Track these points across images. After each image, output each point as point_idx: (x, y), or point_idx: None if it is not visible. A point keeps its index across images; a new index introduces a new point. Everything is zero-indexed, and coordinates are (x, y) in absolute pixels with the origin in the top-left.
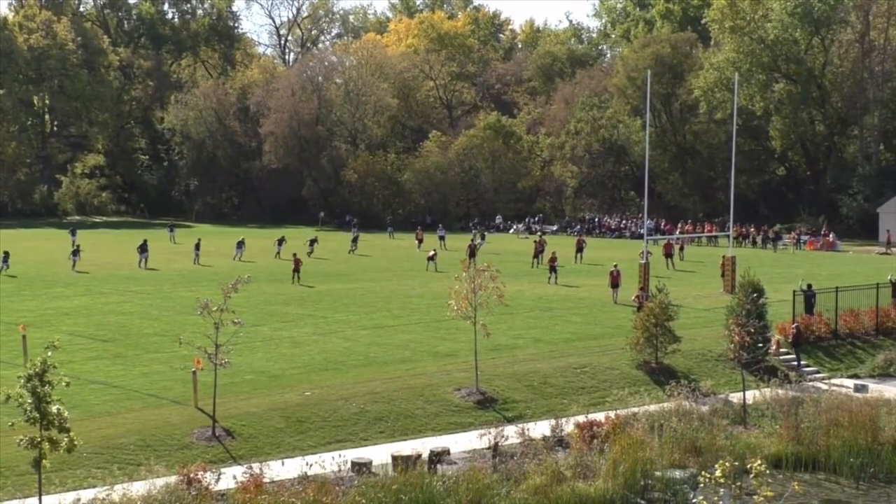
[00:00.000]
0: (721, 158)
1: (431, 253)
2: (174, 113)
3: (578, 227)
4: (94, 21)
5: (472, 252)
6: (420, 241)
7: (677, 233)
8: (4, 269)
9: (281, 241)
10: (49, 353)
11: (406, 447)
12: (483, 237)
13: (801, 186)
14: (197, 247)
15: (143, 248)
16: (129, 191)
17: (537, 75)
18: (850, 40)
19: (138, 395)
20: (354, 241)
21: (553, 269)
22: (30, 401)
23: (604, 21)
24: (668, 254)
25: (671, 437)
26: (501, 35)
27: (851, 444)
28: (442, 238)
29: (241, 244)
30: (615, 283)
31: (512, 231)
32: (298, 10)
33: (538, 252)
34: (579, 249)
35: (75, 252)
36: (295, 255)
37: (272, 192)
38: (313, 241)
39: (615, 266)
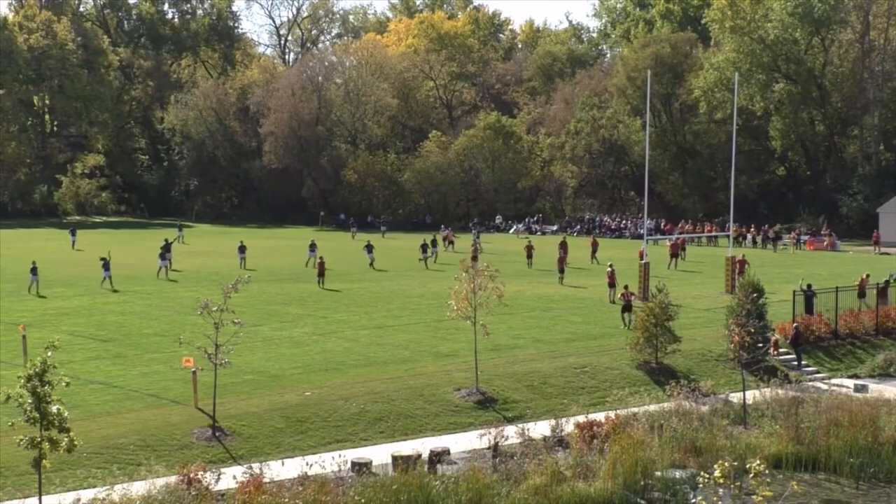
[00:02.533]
0: (721, 158)
1: (473, 252)
2: (174, 113)
3: (578, 227)
4: (94, 21)
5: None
6: (450, 242)
7: (676, 233)
8: (106, 278)
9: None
10: (49, 353)
11: (406, 447)
12: (477, 236)
13: (801, 186)
14: (242, 249)
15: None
16: (129, 191)
17: (537, 75)
18: (850, 40)
19: (138, 395)
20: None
21: (562, 269)
22: (30, 401)
23: (604, 21)
24: (675, 254)
25: (671, 437)
26: (501, 35)
27: (851, 444)
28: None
29: (313, 247)
30: (611, 283)
31: (512, 231)
32: (298, 10)
33: (530, 254)
34: (594, 250)
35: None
36: (321, 258)
37: (272, 192)
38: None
39: (610, 265)
